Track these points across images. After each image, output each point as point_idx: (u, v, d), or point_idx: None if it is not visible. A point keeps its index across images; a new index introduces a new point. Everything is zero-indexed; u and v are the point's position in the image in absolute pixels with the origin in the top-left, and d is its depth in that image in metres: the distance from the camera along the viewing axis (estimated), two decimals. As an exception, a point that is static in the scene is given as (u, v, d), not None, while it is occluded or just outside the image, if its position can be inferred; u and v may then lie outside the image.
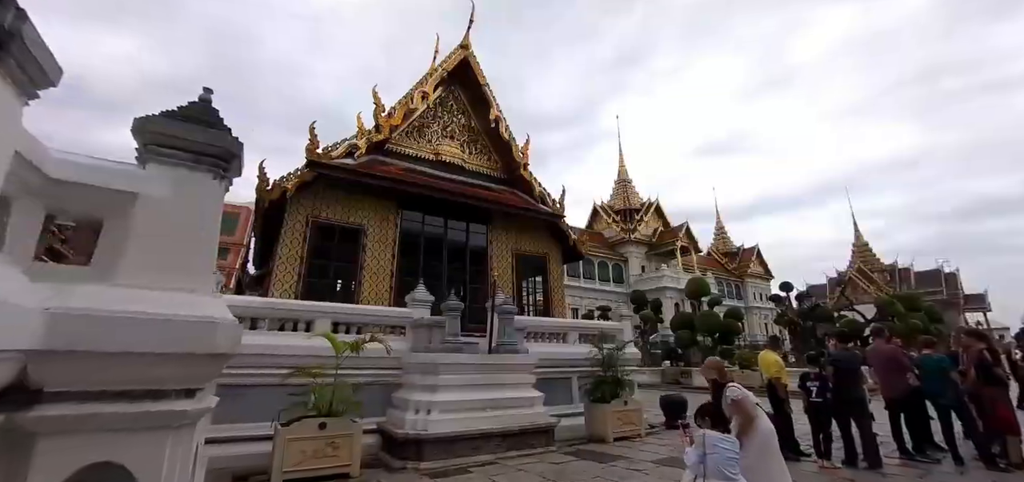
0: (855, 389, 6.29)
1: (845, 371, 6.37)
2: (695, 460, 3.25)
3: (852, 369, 6.40)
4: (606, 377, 8.91)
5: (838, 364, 6.47)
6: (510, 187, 11.95)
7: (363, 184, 9.46)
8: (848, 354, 6.59)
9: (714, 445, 3.27)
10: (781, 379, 6.86)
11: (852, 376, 6.36)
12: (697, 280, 22.14)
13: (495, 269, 10.99)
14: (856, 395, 6.25)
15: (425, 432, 6.90)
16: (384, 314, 8.40)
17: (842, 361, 6.46)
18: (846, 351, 6.68)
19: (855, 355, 6.72)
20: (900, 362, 6.77)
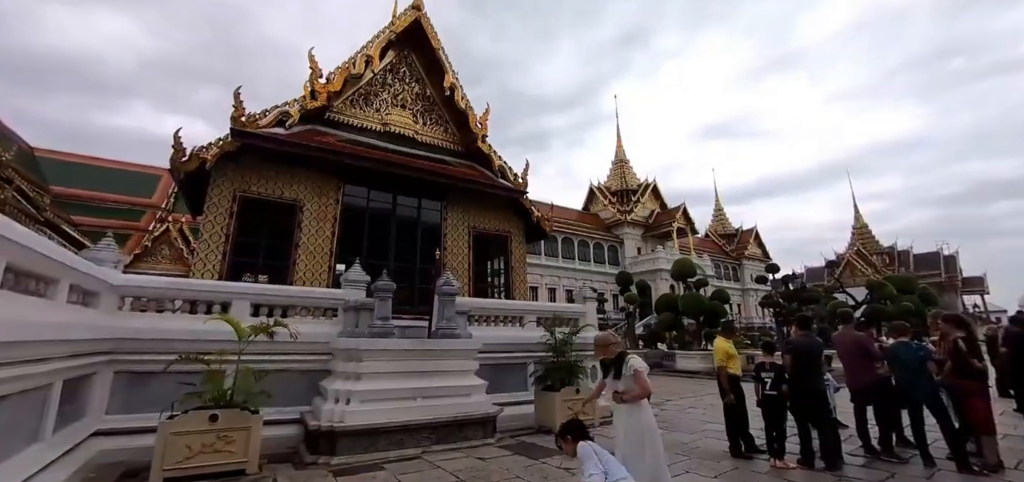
0: (813, 380, 5.56)
1: (803, 360, 5.66)
2: (599, 472, 3.09)
3: (811, 358, 5.69)
4: (557, 363, 8.27)
5: (794, 352, 5.77)
6: (469, 161, 11.17)
7: (298, 156, 8.71)
8: (807, 341, 5.84)
9: (602, 453, 3.20)
10: (726, 367, 6.18)
11: (810, 365, 5.65)
12: (683, 261, 21.40)
13: (449, 248, 10.29)
14: (814, 387, 5.52)
15: (341, 424, 6.29)
16: (314, 296, 7.73)
17: (800, 349, 5.76)
18: (805, 337, 5.93)
19: (816, 342, 5.94)
20: (867, 350, 6.07)
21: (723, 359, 6.18)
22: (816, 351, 5.77)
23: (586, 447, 3.29)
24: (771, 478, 5.10)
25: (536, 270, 51.08)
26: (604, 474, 3.15)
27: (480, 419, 7.21)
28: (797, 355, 5.70)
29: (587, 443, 3.29)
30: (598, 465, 3.16)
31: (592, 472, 3.05)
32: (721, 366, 6.18)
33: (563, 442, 3.50)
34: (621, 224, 58.77)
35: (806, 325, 6.09)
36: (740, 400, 6.21)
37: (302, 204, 9.01)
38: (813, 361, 5.69)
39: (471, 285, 10.31)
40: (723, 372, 6.16)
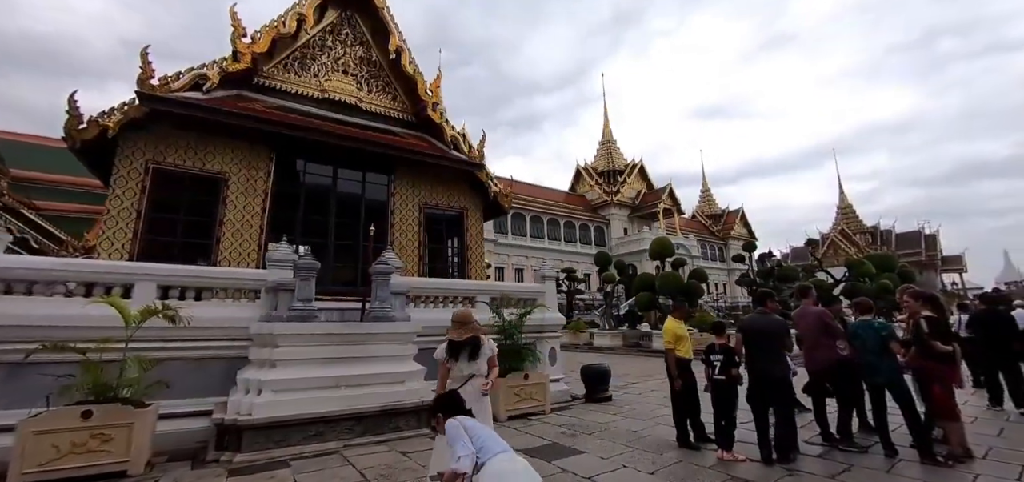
0: (771, 365, 4.84)
1: (758, 341, 5.04)
2: (469, 452, 2.57)
3: (764, 339, 5.04)
4: (502, 346, 7.65)
5: (746, 332, 5.19)
6: (420, 132, 10.38)
7: (221, 124, 7.87)
8: (762, 320, 5.21)
9: (474, 427, 2.74)
10: (675, 350, 5.60)
11: (766, 348, 4.94)
12: (661, 240, 20.87)
13: (398, 226, 9.57)
14: (772, 374, 4.81)
15: (248, 417, 5.64)
16: (231, 276, 6.99)
17: (751, 329, 5.17)
18: (761, 315, 5.31)
19: (774, 321, 5.23)
20: (828, 327, 5.52)
21: (671, 341, 5.60)
22: (772, 331, 5.05)
23: (454, 424, 2.73)
24: (715, 472, 4.56)
25: (519, 251, 50.58)
26: (475, 453, 2.56)
27: (414, 408, 6.60)
28: (748, 336, 5.12)
29: (457, 419, 2.77)
30: (468, 444, 2.59)
31: (460, 453, 2.53)
32: (669, 348, 5.61)
33: (435, 421, 2.96)
34: (607, 205, 58.29)
35: (762, 302, 5.37)
36: (691, 386, 5.66)
37: (227, 177, 8.20)
38: (767, 342, 5.01)
39: (422, 265, 9.63)
40: (671, 355, 5.59)
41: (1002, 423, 6.11)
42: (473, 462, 2.61)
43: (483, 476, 2.54)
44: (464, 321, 3.96)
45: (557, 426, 6.73)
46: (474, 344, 3.89)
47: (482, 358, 3.92)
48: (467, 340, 3.87)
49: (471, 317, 4.04)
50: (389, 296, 7.24)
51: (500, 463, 2.58)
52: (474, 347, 3.88)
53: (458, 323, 3.95)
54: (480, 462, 2.61)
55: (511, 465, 2.59)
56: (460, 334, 3.87)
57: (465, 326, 3.92)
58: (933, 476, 4.26)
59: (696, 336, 18.30)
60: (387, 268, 7.25)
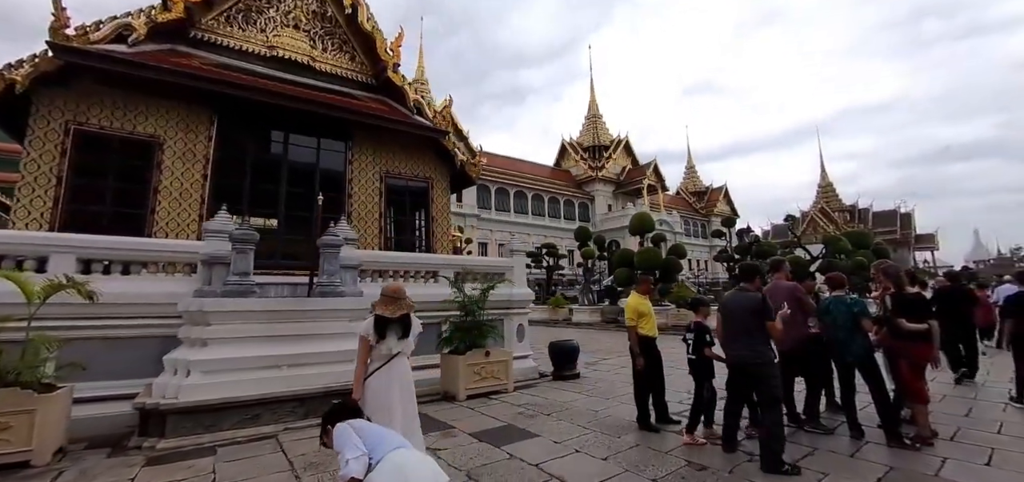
0: (747, 348, 4.20)
1: (733, 321, 4.39)
2: (358, 454, 2.26)
3: (742, 319, 4.31)
4: (464, 323, 7.26)
5: (722, 311, 4.74)
6: (380, 95, 9.70)
7: (151, 82, 7.12)
8: (739, 297, 4.66)
9: (366, 428, 2.45)
10: (637, 327, 5.26)
11: (742, 329, 4.27)
12: (641, 215, 20.60)
13: (356, 196, 8.98)
14: (748, 358, 4.20)
15: (173, 400, 5.16)
16: (161, 248, 6.39)
17: (727, 307, 4.65)
18: (739, 292, 4.75)
19: (751, 298, 4.35)
20: (800, 302, 5.20)
21: (633, 317, 5.26)
22: (750, 309, 4.25)
23: (342, 428, 2.42)
24: (673, 457, 4.25)
25: (503, 227, 50.11)
26: (368, 455, 2.25)
27: (364, 389, 6.16)
28: (724, 314, 4.52)
29: (345, 423, 2.45)
30: (357, 447, 2.28)
31: (349, 456, 2.24)
32: (630, 325, 5.26)
33: (325, 436, 2.60)
34: (592, 180, 57.93)
35: (748, 278, 4.54)
36: (654, 364, 5.35)
37: (162, 141, 7.49)
38: (743, 322, 4.25)
39: (383, 238, 9.10)
40: (632, 332, 5.24)
41: (971, 402, 5.95)
42: (365, 465, 2.23)
43: (379, 473, 2.18)
44: (396, 296, 3.52)
45: (516, 406, 6.40)
46: (405, 322, 3.46)
47: (412, 337, 3.51)
48: (399, 317, 3.43)
49: (404, 292, 3.60)
50: (338, 270, 6.74)
51: (399, 456, 2.24)
52: (405, 325, 3.47)
53: (389, 298, 3.50)
54: (374, 461, 2.23)
55: (411, 456, 2.28)
56: (392, 310, 3.43)
57: (397, 302, 3.49)
58: (899, 460, 4.00)
59: (673, 312, 18.23)
60: (336, 240, 6.72)
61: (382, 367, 3.33)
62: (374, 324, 3.38)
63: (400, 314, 3.41)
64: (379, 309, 3.40)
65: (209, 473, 4.20)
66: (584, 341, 15.28)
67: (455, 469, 4.07)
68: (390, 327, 3.38)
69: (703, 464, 4.03)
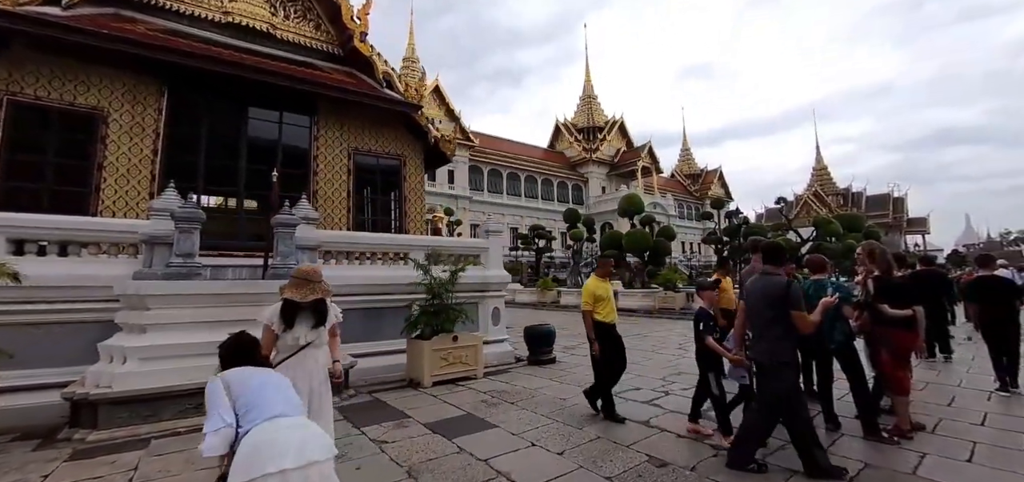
0: (772, 345, 3.48)
1: (757, 313, 3.68)
2: (219, 426, 1.85)
3: (765, 310, 3.59)
4: (431, 306, 6.91)
5: (745, 300, 4.23)
6: (347, 66, 9.18)
7: (89, 48, 6.60)
8: (762, 283, 3.70)
9: (243, 383, 2.00)
10: (594, 312, 4.93)
11: (767, 322, 3.56)
12: (631, 196, 20.22)
13: (322, 174, 8.54)
14: (767, 358, 3.55)
15: (107, 390, 4.81)
16: (96, 228, 5.97)
17: (751, 296, 3.86)
18: (763, 277, 3.94)
19: (772, 283, 3.53)
20: (776, 287, 4.86)
21: (589, 301, 4.91)
22: (773, 298, 3.48)
23: (214, 387, 1.99)
24: (633, 451, 3.94)
25: (495, 209, 49.62)
26: (234, 426, 1.83)
27: (320, 377, 5.83)
28: (748, 304, 3.79)
29: (220, 379, 2.04)
30: (220, 417, 1.85)
31: (207, 430, 1.84)
32: (585, 310, 4.92)
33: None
34: (586, 162, 57.38)
35: (775, 259, 3.67)
36: (616, 352, 5.02)
37: (107, 114, 6.99)
38: (767, 314, 3.52)
39: (351, 218, 8.69)
40: (587, 317, 4.91)
41: (954, 390, 5.69)
42: (227, 439, 1.82)
43: (238, 455, 1.75)
44: (309, 278, 3.13)
45: (481, 394, 6.09)
46: (319, 309, 3.08)
47: (326, 326, 3.13)
48: (311, 303, 3.05)
49: (319, 274, 3.20)
50: (294, 251, 6.34)
51: (263, 432, 1.79)
52: (319, 312, 3.07)
53: (300, 279, 3.12)
54: (243, 431, 1.83)
55: (274, 434, 1.78)
56: (303, 294, 3.05)
57: (310, 284, 3.10)
58: (875, 455, 3.72)
59: (661, 295, 17.99)
60: (291, 219, 6.31)
61: (288, 360, 2.95)
62: (281, 310, 2.99)
63: (313, 299, 3.03)
64: (288, 292, 3.01)
65: (131, 469, 3.87)
66: (569, 324, 15.02)
67: (396, 465, 3.75)
68: (300, 314, 3.00)
69: (664, 460, 3.73)
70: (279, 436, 1.78)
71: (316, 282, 3.11)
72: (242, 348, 2.28)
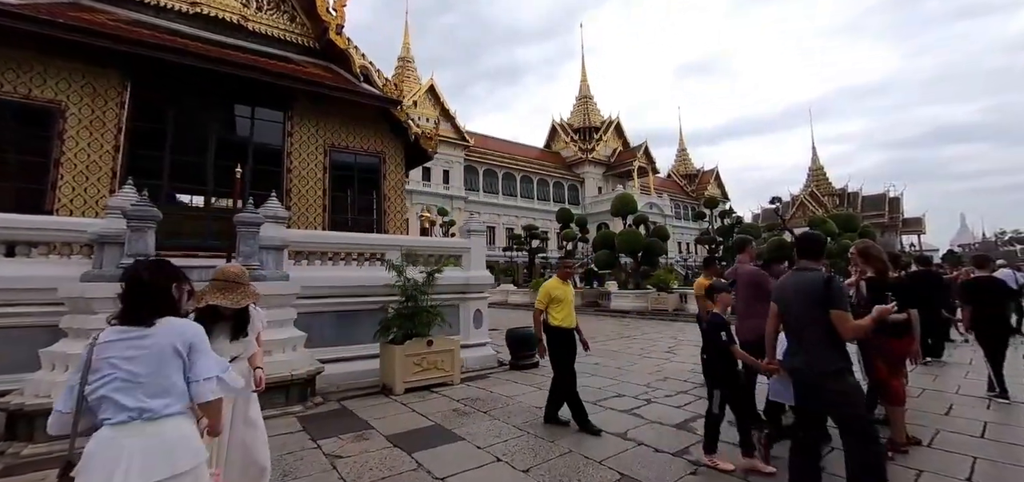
0: (816, 356, 2.82)
1: (794, 316, 3.04)
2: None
3: (801, 313, 2.98)
4: (405, 310, 6.59)
5: (777, 300, 3.61)
6: (324, 60, 8.85)
7: (44, 39, 6.26)
8: (798, 279, 2.96)
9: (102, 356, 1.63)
10: (545, 312, 4.72)
11: (806, 326, 2.91)
12: (623, 196, 19.94)
13: (296, 171, 8.21)
14: (814, 368, 2.82)
15: (47, 400, 4.47)
16: (42, 227, 5.63)
17: (781, 295, 3.20)
18: (798, 273, 3.12)
19: (809, 280, 2.93)
20: (762, 290, 4.57)
21: (543, 302, 4.68)
22: (812, 298, 2.92)
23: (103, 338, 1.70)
24: (606, 469, 3.63)
25: (491, 209, 49.33)
26: (71, 409, 1.62)
27: (283, 382, 5.52)
28: (782, 307, 3.17)
29: (93, 338, 1.72)
30: (63, 400, 1.65)
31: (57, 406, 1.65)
32: (537, 309, 4.74)
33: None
34: (582, 162, 57.10)
35: (812, 253, 3.08)
36: (567, 356, 4.72)
37: (64, 108, 6.66)
38: (795, 319, 3.02)
39: (326, 217, 8.36)
40: (536, 317, 4.71)
41: (952, 398, 5.40)
42: (62, 429, 1.62)
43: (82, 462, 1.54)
44: (237, 280, 2.76)
45: (455, 401, 5.77)
46: (241, 317, 2.75)
47: (251, 335, 2.79)
48: (235, 312, 2.70)
49: (244, 277, 2.84)
50: (257, 251, 6.02)
51: (95, 444, 1.56)
52: (241, 320, 2.75)
53: (227, 282, 2.73)
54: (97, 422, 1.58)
55: (108, 449, 1.52)
56: (232, 299, 2.68)
57: (239, 288, 2.73)
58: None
59: (654, 296, 17.69)
60: (254, 218, 5.99)
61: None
62: (201, 316, 2.63)
63: (237, 307, 2.68)
64: (211, 298, 2.65)
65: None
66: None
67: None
68: (219, 325, 2.65)
69: (638, 479, 3.42)
70: (119, 450, 1.50)
71: (245, 285, 2.77)
72: (141, 288, 1.75)
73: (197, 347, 1.74)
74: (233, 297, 2.70)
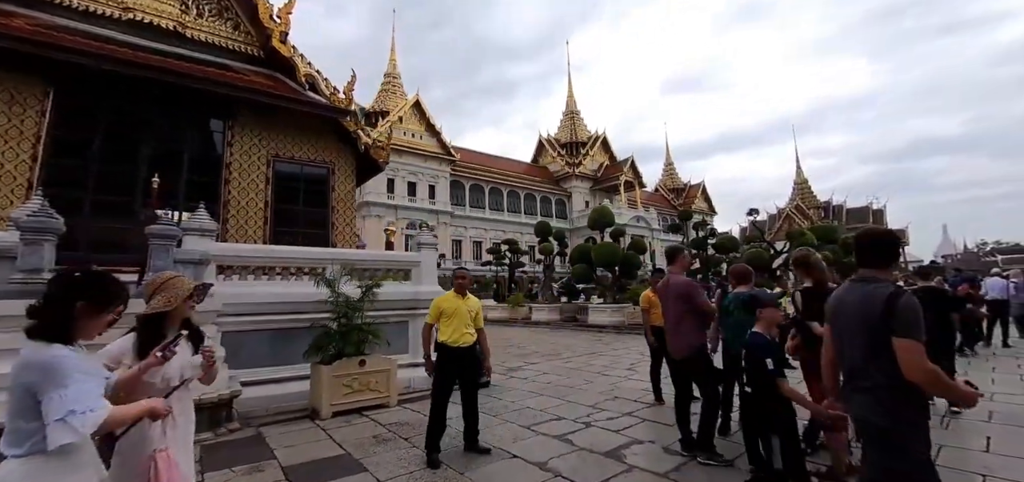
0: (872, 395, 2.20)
1: (847, 334, 2.01)
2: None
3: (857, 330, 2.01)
4: (336, 327, 6.21)
5: (831, 316, 3.02)
6: (269, 69, 8.57)
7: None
8: (858, 292, 2.00)
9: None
10: (438, 335, 4.39)
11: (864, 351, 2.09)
12: (600, 210, 19.75)
13: (236, 182, 7.85)
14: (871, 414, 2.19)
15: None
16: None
17: (836, 309, 2.51)
18: (857, 284, 2.18)
19: (871, 295, 2.08)
20: (689, 302, 4.27)
21: (433, 316, 4.34)
22: (860, 317, 2.17)
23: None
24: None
25: (478, 224, 49.09)
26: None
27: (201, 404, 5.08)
28: (836, 325, 2.35)
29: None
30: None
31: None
32: (427, 324, 4.37)
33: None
34: (569, 177, 57.24)
35: (878, 259, 2.23)
36: (452, 377, 4.33)
37: (-25, 114, 6.29)
38: (855, 343, 2.23)
39: (269, 229, 7.99)
40: (425, 332, 4.38)
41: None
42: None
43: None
44: (163, 289, 2.17)
45: (381, 426, 5.37)
46: (193, 326, 2.31)
47: (200, 352, 2.32)
48: (184, 324, 2.24)
49: (178, 284, 2.24)
50: (171, 265, 5.62)
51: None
52: (195, 330, 2.31)
53: (158, 291, 2.16)
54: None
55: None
56: (169, 303, 2.12)
57: (166, 293, 2.15)
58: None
59: (630, 310, 17.38)
60: (167, 230, 5.61)
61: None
62: (144, 335, 2.08)
63: (164, 310, 2.21)
64: (157, 303, 2.10)
65: None
66: (531, 341, 14.35)
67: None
68: (157, 334, 2.12)
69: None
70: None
71: (163, 286, 2.19)
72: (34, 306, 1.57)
73: (43, 382, 1.44)
74: (168, 299, 2.13)
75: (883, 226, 49.54)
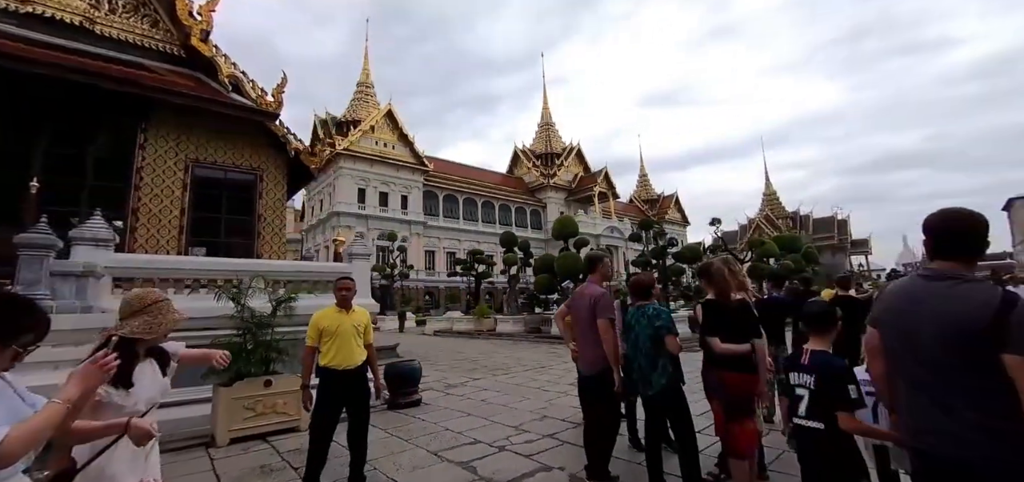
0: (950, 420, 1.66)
1: (911, 352, 1.76)
2: None
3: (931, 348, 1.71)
4: (238, 345, 5.72)
5: (884, 326, 2.01)
6: (190, 69, 8.08)
7: None
8: (925, 291, 1.65)
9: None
10: (316, 348, 3.90)
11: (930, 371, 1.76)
12: (563, 220, 19.59)
13: (149, 187, 7.30)
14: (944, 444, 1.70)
15: None
16: None
17: (891, 318, 1.85)
18: (919, 280, 1.80)
19: (954, 300, 1.59)
20: (603, 316, 3.98)
21: (313, 337, 3.87)
22: (935, 329, 1.65)
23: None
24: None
25: (451, 235, 48.56)
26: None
27: (57, 441, 4.53)
28: (888, 334, 1.80)
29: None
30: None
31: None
32: (309, 346, 3.89)
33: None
34: (544, 188, 57.35)
35: (954, 249, 1.70)
36: (337, 406, 3.78)
37: None
38: (929, 365, 1.64)
39: (185, 239, 7.45)
40: (307, 357, 3.83)
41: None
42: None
43: None
44: (142, 307, 1.88)
45: (278, 455, 4.90)
46: (161, 351, 2.01)
47: (170, 374, 2.05)
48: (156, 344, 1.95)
49: (155, 299, 1.97)
50: (45, 278, 5.08)
51: None
52: (163, 355, 2.01)
53: (150, 314, 1.86)
54: None
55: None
56: (151, 330, 1.83)
57: (146, 317, 1.85)
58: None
59: (593, 321, 17.19)
60: (40, 239, 5.07)
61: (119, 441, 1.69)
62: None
63: (160, 336, 1.93)
64: (134, 328, 1.80)
65: None
66: (487, 354, 13.97)
67: None
68: (134, 362, 1.82)
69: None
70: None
71: (145, 310, 1.89)
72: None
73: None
74: (150, 328, 1.85)
75: (849, 235, 50.84)
